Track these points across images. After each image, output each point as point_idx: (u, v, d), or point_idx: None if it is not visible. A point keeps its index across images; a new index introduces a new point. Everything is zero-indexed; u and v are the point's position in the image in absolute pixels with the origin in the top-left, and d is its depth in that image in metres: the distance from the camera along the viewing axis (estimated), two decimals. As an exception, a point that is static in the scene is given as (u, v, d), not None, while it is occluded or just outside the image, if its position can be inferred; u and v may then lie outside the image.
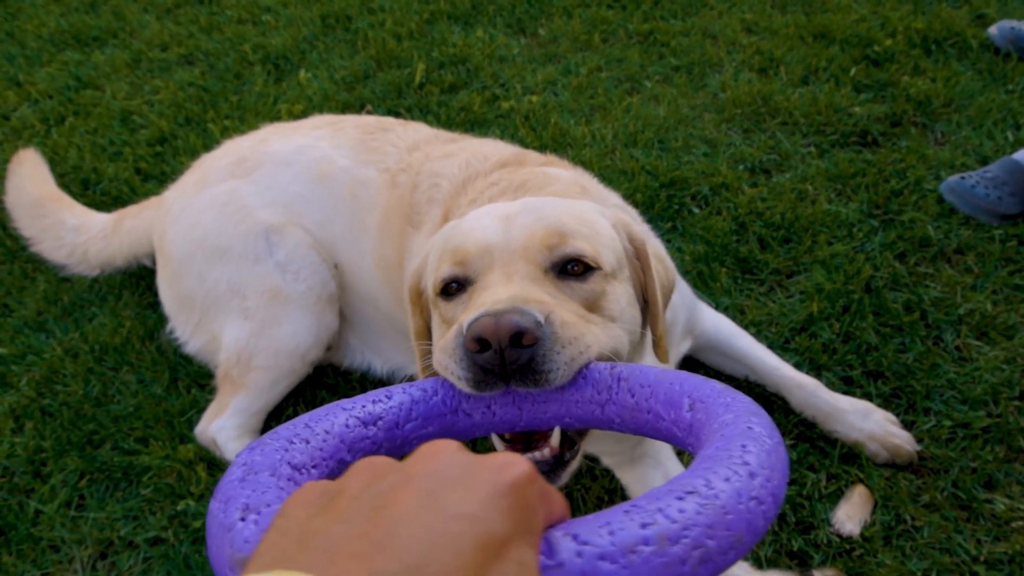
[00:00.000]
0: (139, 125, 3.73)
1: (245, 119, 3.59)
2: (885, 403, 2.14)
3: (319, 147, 2.30)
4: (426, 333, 1.58)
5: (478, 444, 2.14)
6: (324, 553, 0.51)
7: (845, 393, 2.16)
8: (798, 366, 2.23)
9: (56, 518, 2.15)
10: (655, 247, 1.57)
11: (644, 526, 0.63)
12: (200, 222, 2.28)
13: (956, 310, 2.34)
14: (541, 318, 1.14)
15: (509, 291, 1.23)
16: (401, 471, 0.58)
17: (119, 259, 2.64)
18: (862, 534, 1.89)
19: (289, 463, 0.88)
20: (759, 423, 0.81)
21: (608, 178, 2.93)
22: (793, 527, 1.92)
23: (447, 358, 1.15)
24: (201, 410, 2.32)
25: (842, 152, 2.99)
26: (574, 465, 1.33)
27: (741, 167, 2.98)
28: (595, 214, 1.48)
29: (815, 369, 2.23)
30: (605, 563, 0.60)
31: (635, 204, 2.74)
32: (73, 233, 2.66)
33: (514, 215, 1.40)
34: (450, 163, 2.09)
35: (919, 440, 2.04)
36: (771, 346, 2.28)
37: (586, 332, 1.19)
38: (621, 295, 1.40)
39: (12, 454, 2.32)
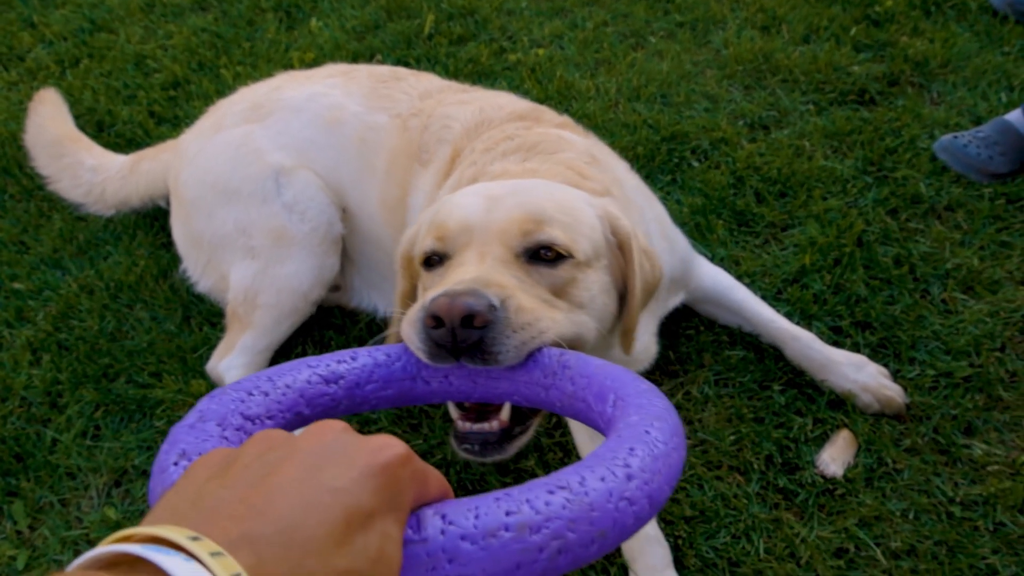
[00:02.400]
0: (153, 69, 3.77)
1: (257, 66, 3.64)
2: (872, 353, 2.22)
3: (331, 94, 2.35)
4: (411, 297, 1.67)
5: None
6: (209, 513, 0.58)
7: (834, 342, 2.24)
8: (789, 316, 2.30)
9: (72, 447, 2.24)
10: (643, 242, 1.63)
11: (508, 513, 0.69)
12: (213, 164, 2.34)
13: (944, 265, 2.41)
14: (496, 302, 1.23)
15: (476, 272, 1.32)
16: (290, 445, 0.66)
17: (135, 200, 2.70)
18: (845, 475, 1.98)
19: (242, 413, 0.94)
20: (659, 428, 0.86)
21: (611, 131, 3.00)
22: (780, 467, 2.01)
23: (410, 328, 1.24)
24: (213, 347, 2.40)
25: (840, 110, 3.05)
26: (523, 440, 1.41)
27: (741, 123, 3.04)
28: (580, 203, 1.55)
29: (806, 319, 2.31)
30: (466, 543, 0.67)
31: (636, 157, 2.82)
32: (91, 173, 2.72)
33: (499, 197, 1.48)
34: (463, 109, 2.16)
35: (906, 387, 2.12)
36: (764, 296, 2.36)
37: (543, 318, 1.28)
38: (593, 283, 1.47)
39: (29, 385, 2.40)
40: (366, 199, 2.30)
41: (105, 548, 0.55)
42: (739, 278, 2.41)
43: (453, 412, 1.41)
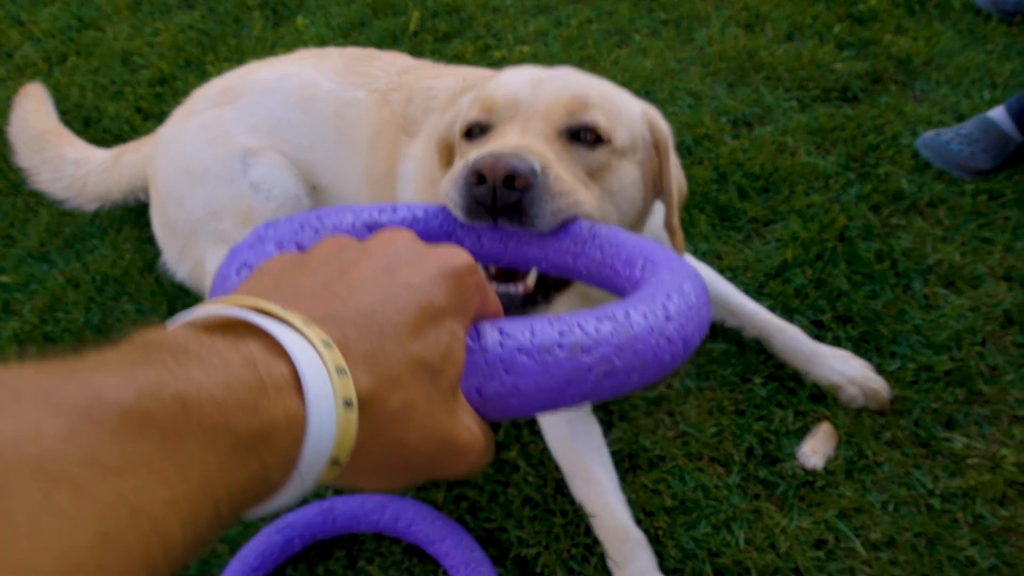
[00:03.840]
0: (140, 66, 3.77)
1: (243, 62, 3.62)
2: (854, 347, 2.22)
3: (304, 73, 2.35)
4: (443, 172, 1.71)
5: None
6: (292, 294, 0.61)
7: (815, 336, 2.24)
8: (771, 310, 2.30)
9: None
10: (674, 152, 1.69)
11: (562, 334, 0.71)
12: (184, 149, 2.33)
13: (925, 260, 2.42)
14: (538, 168, 1.26)
15: (519, 141, 1.35)
16: (363, 247, 0.68)
17: (116, 193, 2.69)
18: (825, 468, 1.98)
19: (296, 243, 0.96)
20: (691, 284, 0.88)
21: (594, 127, 3.00)
22: (760, 459, 2.01)
23: (450, 186, 1.27)
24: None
25: (823, 107, 3.05)
26: (543, 309, 1.44)
27: (724, 119, 3.05)
28: (623, 96, 1.60)
29: (788, 313, 2.31)
30: (522, 356, 0.69)
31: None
32: (72, 166, 2.71)
33: (546, 79, 1.51)
34: (444, 80, 2.20)
35: (887, 380, 2.12)
36: (746, 290, 2.36)
37: (579, 191, 1.31)
38: (626, 174, 1.51)
39: (13, 379, 2.38)
40: (347, 174, 2.29)
41: (206, 311, 0.56)
42: (721, 272, 2.41)
43: (481, 274, 1.42)
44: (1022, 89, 2.78)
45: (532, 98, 1.46)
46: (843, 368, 2.12)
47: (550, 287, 1.45)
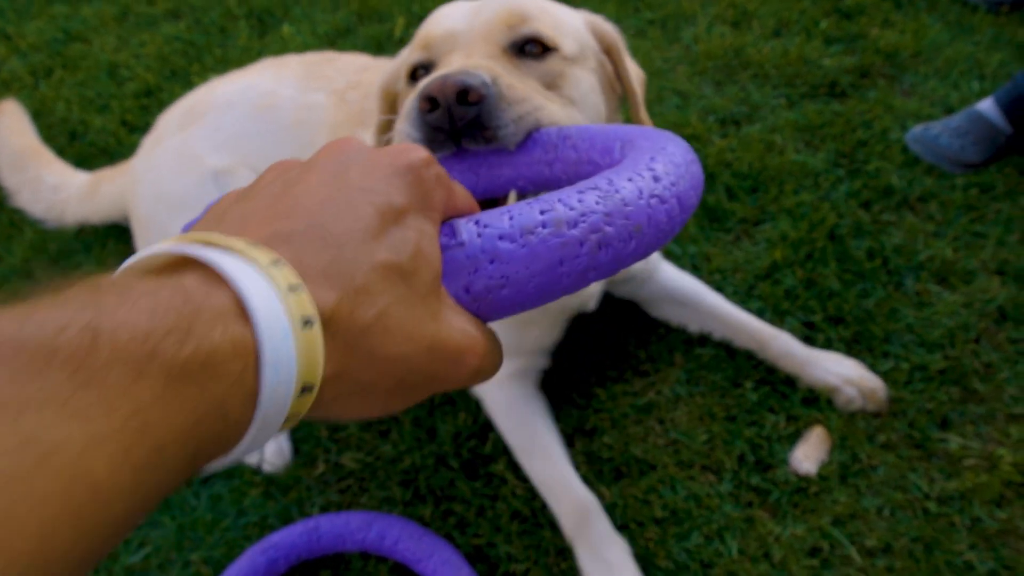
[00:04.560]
0: (126, 78, 3.75)
1: (229, 72, 3.62)
2: (846, 348, 2.19)
3: (263, 84, 2.33)
4: (385, 129, 1.64)
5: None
6: (237, 222, 0.57)
7: (806, 338, 2.21)
8: (761, 312, 2.27)
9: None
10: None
11: (543, 212, 0.65)
12: (157, 178, 2.30)
13: (917, 256, 2.38)
14: (488, 79, 1.18)
15: (464, 62, 1.28)
16: (308, 162, 0.64)
17: (95, 219, 2.67)
18: (819, 473, 1.94)
19: None
20: (675, 145, 0.83)
21: (580, 130, 2.96)
22: (752, 466, 1.98)
23: (404, 123, 1.20)
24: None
25: (811, 103, 3.02)
26: None
27: (712, 118, 3.01)
28: (562, 7, 1.54)
29: (778, 315, 2.27)
30: (504, 242, 0.64)
31: (606, 155, 2.78)
32: (51, 191, 2.69)
33: (483, 4, 1.45)
34: None
35: (882, 380, 2.09)
36: (736, 293, 2.33)
37: (536, 97, 1.23)
38: (582, 80, 1.43)
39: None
40: None
41: (143, 253, 0.53)
42: (711, 275, 2.38)
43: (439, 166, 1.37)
44: (1010, 80, 2.74)
45: (469, 25, 1.39)
46: (839, 369, 2.09)
47: None
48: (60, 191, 2.68)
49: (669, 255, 2.46)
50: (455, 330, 0.61)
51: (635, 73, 1.62)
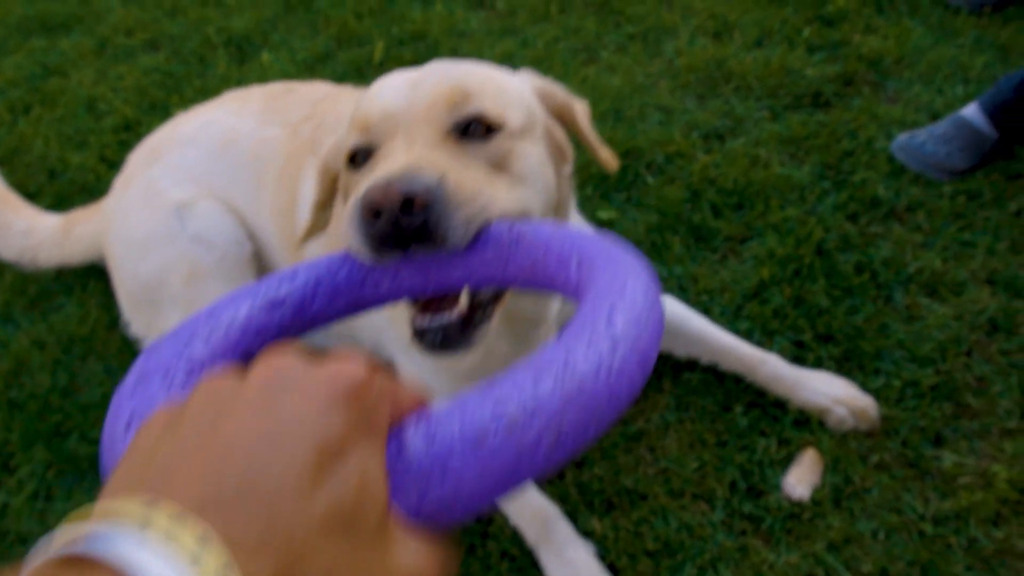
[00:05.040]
0: (104, 112, 3.72)
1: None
2: (837, 366, 2.16)
3: (225, 119, 2.30)
4: (324, 207, 1.60)
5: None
6: (163, 474, 0.51)
7: (796, 357, 2.18)
8: (750, 332, 2.25)
9: (24, 510, 2.16)
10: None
11: (495, 414, 0.62)
12: (126, 219, 2.28)
13: (906, 269, 2.36)
14: (433, 181, 1.13)
15: (407, 158, 1.22)
16: (240, 386, 0.58)
17: (73, 262, 2.64)
18: (812, 497, 1.91)
19: (187, 362, 0.85)
20: (634, 283, 0.80)
21: (563, 151, 2.94)
22: (744, 493, 1.95)
23: (348, 228, 1.15)
24: (165, 400, 2.32)
25: (795, 114, 2.99)
26: (485, 328, 1.31)
27: (695, 134, 2.98)
28: (505, 75, 1.47)
29: (767, 335, 2.25)
30: (455, 457, 0.60)
31: (591, 177, 2.77)
32: (22, 236, 2.65)
33: (421, 79, 1.37)
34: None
35: (874, 399, 2.06)
36: (723, 313, 2.31)
37: (486, 192, 1.19)
38: (530, 155, 1.38)
39: (-21, 450, 2.33)
40: (261, 215, 2.22)
41: (55, 546, 0.47)
42: (697, 296, 2.36)
43: (409, 310, 1.29)
44: (994, 83, 2.72)
45: (409, 105, 1.32)
46: (829, 389, 2.06)
47: (486, 302, 1.32)
48: (31, 236, 2.65)
49: (655, 277, 2.43)
50: (406, 565, 0.56)
51: (587, 127, 1.58)
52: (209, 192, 2.24)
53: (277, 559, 0.47)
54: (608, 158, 1.61)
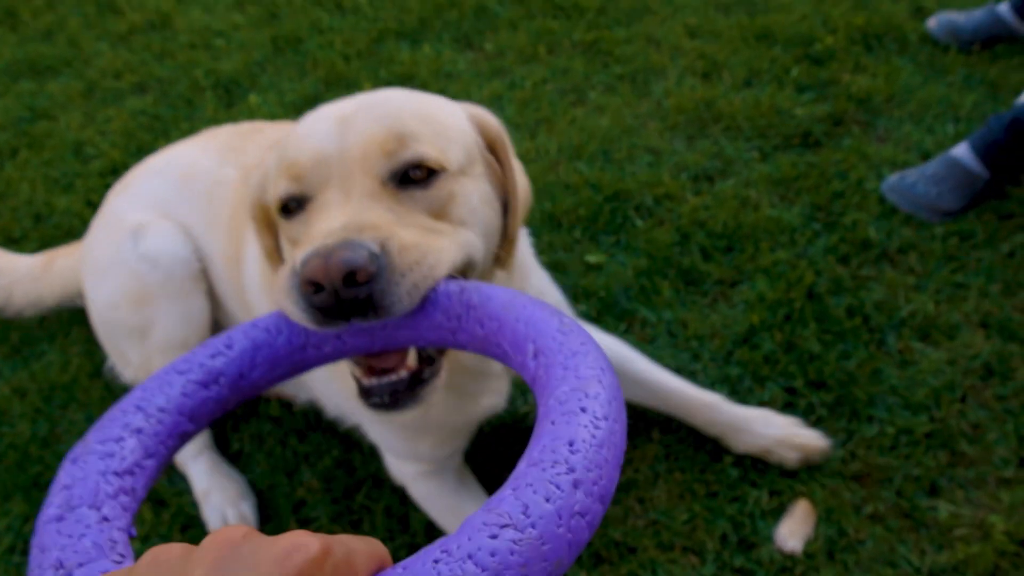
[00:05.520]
0: (91, 156, 3.70)
1: (193, 147, 3.59)
2: (829, 412, 2.13)
3: (189, 153, 2.27)
4: (277, 253, 1.52)
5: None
6: None
7: (787, 404, 2.14)
8: (740, 378, 2.21)
9: (-1, 566, 2.12)
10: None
11: None
12: (91, 249, 2.26)
13: (898, 312, 2.32)
14: (376, 248, 1.07)
15: (344, 215, 1.15)
16: (186, 558, 0.56)
17: (50, 299, 2.58)
18: (805, 550, 1.87)
19: (116, 472, 0.81)
20: (594, 398, 0.76)
21: (552, 193, 2.91)
22: (735, 546, 1.90)
23: (285, 299, 1.09)
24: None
25: (784, 155, 2.97)
26: (436, 382, 1.26)
27: (684, 175, 2.96)
28: (443, 107, 1.38)
29: (758, 381, 2.21)
30: None
31: (579, 219, 2.75)
32: None
33: (350, 116, 1.27)
34: None
35: (866, 448, 2.03)
36: (713, 359, 2.27)
37: (431, 251, 1.12)
38: (472, 194, 1.30)
39: (-45, 505, 2.29)
40: (214, 255, 2.17)
41: None
42: (687, 342, 2.32)
43: (353, 369, 1.24)
44: (984, 122, 2.70)
45: (341, 148, 1.23)
46: (767, 430, 2.04)
47: (434, 355, 1.27)
48: (5, 275, 2.59)
49: (644, 323, 2.40)
50: None
51: (521, 183, 1.48)
52: (166, 215, 2.19)
53: None
54: (525, 200, 1.51)
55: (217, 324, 2.27)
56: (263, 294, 1.86)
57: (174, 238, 2.15)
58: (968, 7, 3.59)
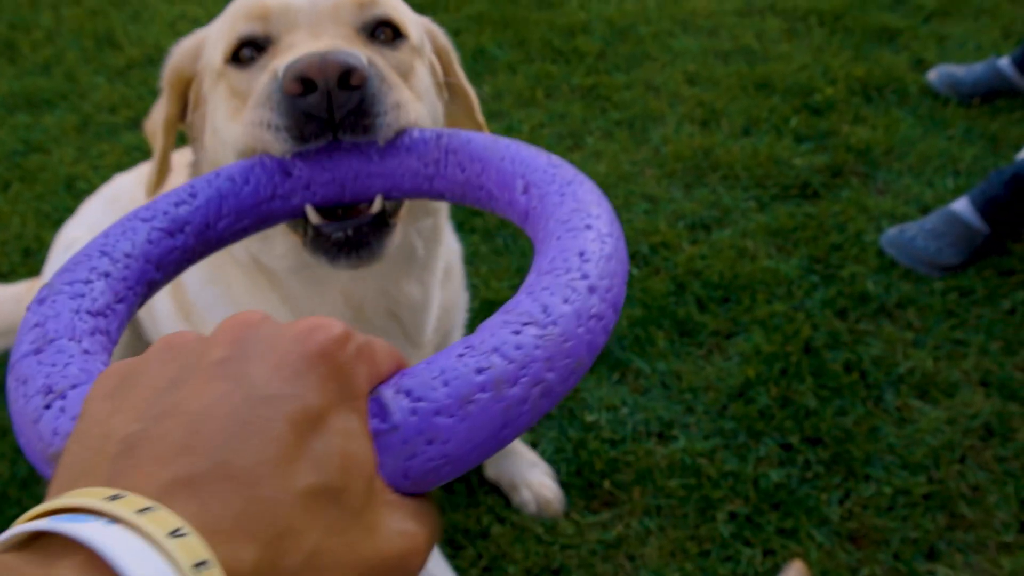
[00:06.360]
0: (83, 191, 3.66)
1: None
2: (826, 469, 2.08)
3: (127, 176, 2.25)
4: (176, 125, 1.44)
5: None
6: (124, 452, 0.46)
7: (783, 461, 2.10)
8: (735, 433, 2.17)
9: (-29, 616, 2.06)
10: None
11: (480, 371, 0.58)
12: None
13: (897, 368, 2.29)
14: (365, 59, 1.00)
15: (323, 46, 1.05)
16: (201, 352, 0.52)
17: None
18: (799, 614, 1.82)
19: (88, 311, 0.76)
20: (597, 216, 0.75)
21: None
22: (728, 609, 1.86)
23: (261, 108, 1.01)
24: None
25: (782, 205, 2.94)
26: (396, 234, 1.15)
27: (681, 224, 2.93)
28: None
29: (753, 436, 2.16)
30: (442, 418, 0.55)
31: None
32: None
33: None
34: None
35: (863, 508, 1.98)
36: (707, 413, 2.23)
37: (404, 89, 1.06)
38: (425, 76, 1.26)
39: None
40: None
41: (10, 532, 0.42)
42: (681, 394, 2.28)
43: (312, 216, 1.08)
44: (984, 176, 2.68)
45: (312, 1, 1.16)
46: (525, 472, 2.08)
47: (390, 210, 1.16)
48: None
49: (638, 374, 2.36)
50: (395, 536, 0.51)
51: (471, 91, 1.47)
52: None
53: (259, 543, 0.43)
54: (475, 100, 1.48)
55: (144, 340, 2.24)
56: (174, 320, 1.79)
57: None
58: (969, 60, 3.59)
